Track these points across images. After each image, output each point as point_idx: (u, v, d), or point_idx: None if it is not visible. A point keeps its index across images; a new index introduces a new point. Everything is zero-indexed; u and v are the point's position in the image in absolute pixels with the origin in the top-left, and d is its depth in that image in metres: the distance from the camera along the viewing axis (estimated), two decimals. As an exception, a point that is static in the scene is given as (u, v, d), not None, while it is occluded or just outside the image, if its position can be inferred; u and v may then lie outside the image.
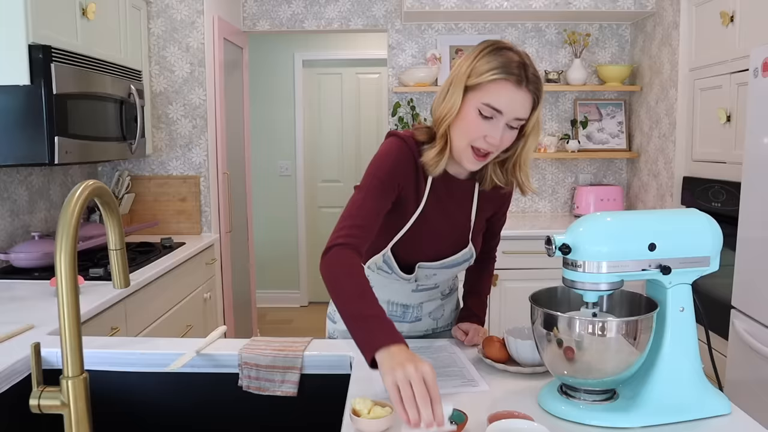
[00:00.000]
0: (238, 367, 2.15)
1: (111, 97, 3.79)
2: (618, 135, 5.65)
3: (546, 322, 1.66)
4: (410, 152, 2.06)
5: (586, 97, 5.74)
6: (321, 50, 7.52)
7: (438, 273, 2.25)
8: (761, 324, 3.12)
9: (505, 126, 1.90)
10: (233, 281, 5.35)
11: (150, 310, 3.61)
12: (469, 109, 1.91)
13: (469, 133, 1.92)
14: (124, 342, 2.29)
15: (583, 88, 5.49)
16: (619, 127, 5.65)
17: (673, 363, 1.67)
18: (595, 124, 5.67)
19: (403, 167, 2.05)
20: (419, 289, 2.30)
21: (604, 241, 1.63)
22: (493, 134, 1.89)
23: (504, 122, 1.89)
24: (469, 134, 1.92)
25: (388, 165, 2.04)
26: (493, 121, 1.89)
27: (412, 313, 2.34)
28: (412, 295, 2.30)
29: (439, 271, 2.24)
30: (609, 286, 1.64)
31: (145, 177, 4.83)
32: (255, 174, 7.33)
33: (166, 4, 4.68)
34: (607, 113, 5.67)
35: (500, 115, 1.88)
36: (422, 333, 2.38)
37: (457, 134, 1.96)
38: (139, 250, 4.08)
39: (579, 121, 5.62)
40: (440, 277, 2.29)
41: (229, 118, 5.31)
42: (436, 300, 2.38)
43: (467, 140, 1.93)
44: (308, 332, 6.40)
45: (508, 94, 1.86)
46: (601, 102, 5.70)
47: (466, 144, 1.94)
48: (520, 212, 5.84)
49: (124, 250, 1.57)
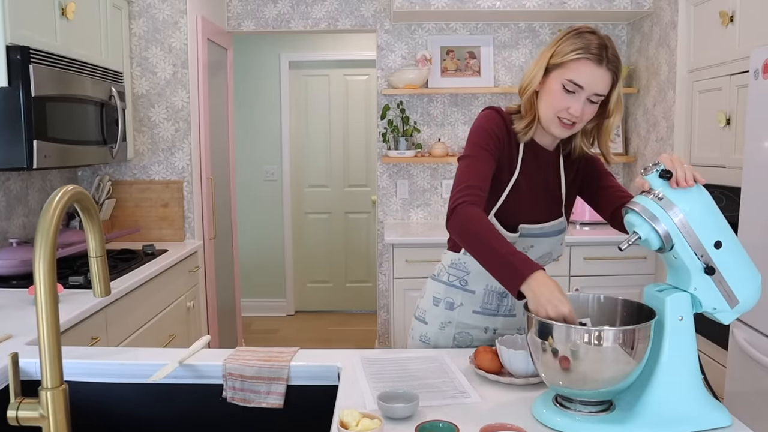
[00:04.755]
0: (222, 378, 2.15)
1: (91, 99, 3.78)
2: (614, 139, 5.61)
3: (541, 331, 1.67)
4: (503, 121, 2.33)
5: (581, 100, 5.70)
6: (308, 51, 7.51)
7: (536, 244, 2.37)
8: (762, 333, 3.12)
9: (586, 100, 2.16)
10: (217, 289, 5.34)
11: (131, 319, 3.59)
12: (555, 84, 2.18)
13: (554, 105, 2.19)
14: (105, 352, 2.29)
15: (577, 90, 5.46)
16: (616, 131, 5.62)
17: (672, 373, 1.67)
18: (590, 127, 5.64)
19: (498, 133, 2.30)
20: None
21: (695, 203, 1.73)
22: (575, 106, 2.15)
23: (585, 97, 2.15)
24: (554, 106, 2.19)
25: (486, 132, 2.29)
26: (575, 95, 2.15)
27: (506, 305, 2.45)
28: None
29: (537, 241, 2.37)
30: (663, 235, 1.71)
31: (126, 182, 4.81)
32: (240, 179, 7.31)
33: (148, 3, 4.67)
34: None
35: (582, 90, 2.14)
36: (515, 330, 2.46)
37: (544, 106, 2.23)
38: (121, 258, 4.06)
39: (573, 124, 5.59)
40: (536, 251, 2.39)
41: (213, 121, 5.30)
42: None
43: (553, 111, 2.20)
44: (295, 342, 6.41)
45: (589, 72, 2.12)
46: (596, 105, 5.67)
47: (553, 114, 2.20)
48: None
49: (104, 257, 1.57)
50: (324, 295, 7.89)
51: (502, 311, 2.45)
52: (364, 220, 7.76)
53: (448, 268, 2.49)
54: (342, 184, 7.70)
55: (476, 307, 2.43)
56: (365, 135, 7.59)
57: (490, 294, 2.42)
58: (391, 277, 4.98)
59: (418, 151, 5.57)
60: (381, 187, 5.83)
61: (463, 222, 2.07)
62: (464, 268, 2.43)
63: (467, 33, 5.67)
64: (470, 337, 2.46)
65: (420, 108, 5.73)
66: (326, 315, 7.77)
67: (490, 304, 2.43)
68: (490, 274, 2.01)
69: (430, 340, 2.50)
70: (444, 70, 5.64)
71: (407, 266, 4.93)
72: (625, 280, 4.88)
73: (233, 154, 5.97)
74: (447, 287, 2.47)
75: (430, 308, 2.52)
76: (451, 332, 2.46)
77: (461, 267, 2.44)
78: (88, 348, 2.49)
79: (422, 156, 5.57)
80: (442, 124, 5.74)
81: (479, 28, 5.66)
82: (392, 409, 1.75)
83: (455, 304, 2.45)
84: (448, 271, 2.48)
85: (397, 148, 5.54)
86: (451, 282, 2.46)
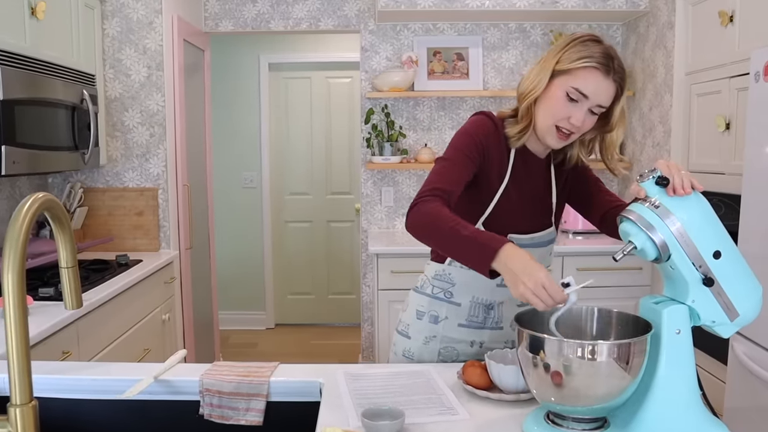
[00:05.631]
0: (199, 394, 2.14)
1: (62, 103, 3.77)
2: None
3: (532, 345, 1.67)
4: (494, 125, 2.32)
5: (573, 104, 5.71)
6: (288, 52, 7.51)
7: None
8: (763, 348, 3.11)
9: (587, 111, 2.17)
10: (194, 301, 5.32)
11: (104, 332, 3.58)
12: (558, 91, 2.18)
13: (555, 113, 2.19)
14: (77, 367, 2.28)
15: (570, 93, 5.48)
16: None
17: (669, 389, 1.67)
18: (583, 132, 5.65)
19: (485, 139, 2.30)
20: (503, 283, 2.35)
21: (693, 211, 1.73)
22: (576, 116, 2.16)
23: (587, 107, 2.16)
24: (555, 114, 2.19)
25: (469, 137, 2.29)
26: (578, 104, 2.16)
27: (493, 317, 2.43)
28: (496, 290, 2.39)
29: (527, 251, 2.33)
30: (660, 245, 1.71)
31: (99, 189, 4.80)
32: (217, 186, 7.28)
33: (122, 3, 4.67)
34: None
35: (585, 100, 2.15)
36: (502, 346, 2.43)
37: (543, 113, 2.23)
38: (93, 268, 4.05)
39: (566, 129, 5.59)
40: None
41: (190, 125, 5.29)
42: (515, 306, 2.44)
43: (552, 120, 2.20)
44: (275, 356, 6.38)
45: (595, 81, 2.14)
46: (589, 109, 5.68)
47: (551, 123, 2.21)
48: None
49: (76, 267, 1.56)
50: (305, 308, 7.87)
51: (489, 324, 2.44)
52: (348, 229, 7.75)
53: (431, 279, 2.48)
54: (324, 192, 7.70)
55: (462, 320, 2.43)
56: (348, 140, 7.59)
57: (476, 306, 2.42)
58: (376, 288, 4.98)
59: (403, 157, 5.58)
60: (365, 195, 5.83)
61: (420, 217, 2.11)
62: (449, 279, 2.43)
63: (455, 33, 5.69)
64: (456, 352, 2.45)
65: (406, 112, 5.74)
66: (308, 328, 7.75)
67: (476, 317, 2.42)
68: (459, 262, 2.10)
69: (413, 356, 2.49)
70: (431, 72, 5.65)
71: (392, 277, 4.93)
72: (620, 291, 4.89)
73: (210, 160, 5.96)
74: (431, 300, 2.47)
75: (413, 322, 2.51)
76: (436, 347, 2.45)
77: (446, 278, 2.43)
78: (58, 363, 2.48)
79: (408, 162, 5.57)
80: (428, 129, 5.75)
81: (468, 28, 5.68)
82: (376, 427, 1.75)
83: (440, 317, 2.44)
84: (432, 283, 2.47)
85: (381, 153, 5.55)
86: (435, 294, 2.46)
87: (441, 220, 2.05)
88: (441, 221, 2.05)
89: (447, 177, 2.21)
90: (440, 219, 2.05)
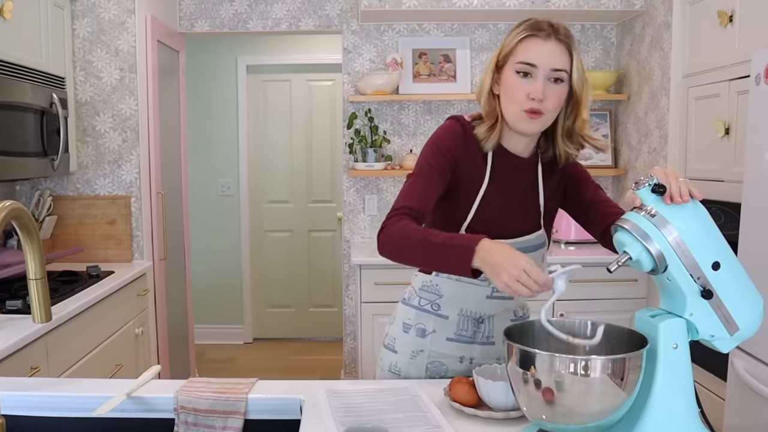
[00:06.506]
0: (173, 412, 2.14)
1: (30, 107, 3.76)
2: (603, 149, 5.65)
3: (522, 360, 1.67)
4: (463, 130, 2.34)
5: (565, 108, 5.71)
6: (267, 54, 7.50)
7: None
8: (764, 363, 3.09)
9: (545, 80, 2.18)
10: (168, 315, 5.30)
11: (74, 347, 3.56)
12: (509, 74, 2.22)
13: (514, 95, 2.20)
14: (45, 383, 2.27)
15: (562, 97, 5.48)
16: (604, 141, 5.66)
17: (666, 406, 1.68)
18: (575, 137, 5.65)
19: (453, 146, 2.31)
20: (494, 295, 2.38)
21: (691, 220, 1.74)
22: (535, 88, 2.16)
23: (542, 76, 2.17)
24: (515, 98, 2.20)
25: (436, 147, 2.31)
26: (531, 77, 2.18)
27: (483, 332, 2.43)
28: (485, 302, 2.39)
29: None
30: (656, 255, 1.71)
31: (68, 197, 4.78)
32: (193, 194, 7.26)
33: (93, 2, 4.66)
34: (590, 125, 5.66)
35: (536, 69, 2.17)
36: (494, 360, 2.43)
37: (506, 102, 2.25)
38: (62, 280, 4.02)
39: (557, 134, 5.59)
40: None
41: (164, 130, 5.28)
42: (508, 320, 2.45)
43: (516, 104, 2.20)
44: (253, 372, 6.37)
45: (537, 47, 2.19)
46: (581, 113, 5.68)
47: (517, 109, 2.21)
48: (491, 236, 5.79)
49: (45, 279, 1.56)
50: (285, 321, 7.85)
51: (479, 339, 2.44)
52: (329, 239, 7.75)
53: (418, 291, 2.48)
54: (305, 200, 7.69)
55: (450, 334, 2.42)
56: (330, 146, 7.59)
57: (465, 320, 2.41)
58: (359, 301, 4.97)
59: (387, 163, 5.58)
60: (347, 203, 5.83)
61: (390, 237, 2.15)
62: (436, 290, 2.42)
63: (441, 34, 5.69)
64: (444, 367, 2.44)
65: (390, 116, 5.74)
66: (287, 343, 7.74)
67: (465, 331, 2.42)
68: (440, 271, 2.19)
69: (400, 371, 2.48)
70: (416, 74, 5.66)
71: (376, 289, 4.92)
72: (615, 304, 4.89)
73: (186, 166, 5.95)
74: (418, 312, 2.46)
75: (400, 335, 2.50)
76: (424, 362, 2.45)
77: (433, 290, 2.43)
78: (27, 379, 2.47)
79: (392, 169, 5.57)
80: (414, 134, 5.75)
81: (455, 28, 5.68)
82: None
83: (427, 330, 2.44)
84: (419, 295, 2.47)
85: (365, 160, 5.54)
86: (422, 306, 2.45)
87: (411, 235, 2.10)
88: (411, 236, 2.10)
89: (414, 195, 2.24)
90: (410, 234, 2.10)
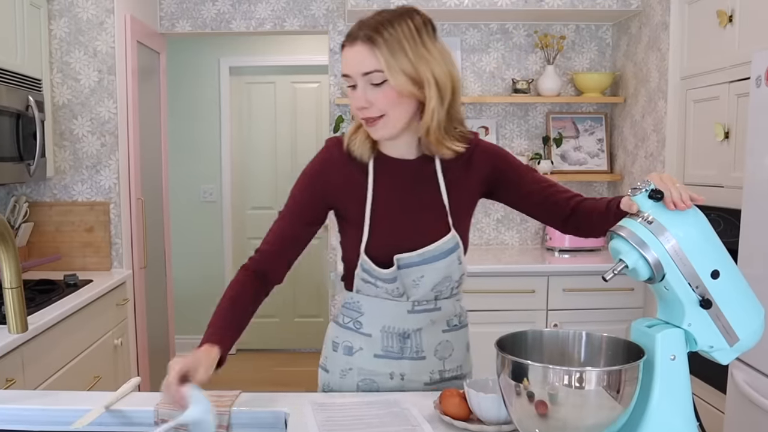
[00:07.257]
0: (154, 426, 2.14)
1: (5, 110, 3.75)
2: (598, 154, 5.69)
3: (515, 372, 1.66)
4: (331, 151, 2.44)
5: (561, 110, 5.75)
6: (251, 55, 7.51)
7: (425, 273, 2.30)
8: (764, 375, 3.08)
9: (365, 86, 2.18)
10: (148, 325, 5.30)
11: (51, 358, 3.56)
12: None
13: (353, 109, 2.24)
14: (21, 396, 2.27)
15: (556, 99, 5.53)
16: (599, 145, 5.69)
17: (663, 420, 1.68)
18: (570, 141, 5.67)
19: (320, 169, 2.42)
20: (416, 309, 2.35)
21: (689, 227, 1.74)
22: (355, 98, 2.20)
23: (359, 83, 2.18)
24: (353, 111, 2.24)
25: (303, 176, 2.44)
26: (355, 89, 2.19)
27: (411, 347, 2.37)
28: (408, 317, 2.35)
29: (424, 268, 2.30)
30: (653, 263, 1.70)
31: (45, 203, 4.77)
32: (174, 200, 7.23)
33: (70, 2, 4.66)
34: (584, 129, 5.70)
35: (352, 79, 2.19)
36: (428, 378, 2.40)
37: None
38: (39, 289, 4.01)
39: (552, 138, 5.62)
40: (429, 280, 2.31)
41: (144, 134, 5.28)
42: (439, 331, 2.41)
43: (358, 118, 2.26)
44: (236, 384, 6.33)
45: (347, 56, 2.21)
46: (578, 116, 5.72)
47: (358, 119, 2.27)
48: (483, 245, 5.83)
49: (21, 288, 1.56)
50: (269, 332, 7.85)
51: (407, 354, 2.38)
52: (315, 247, 7.65)
53: (341, 308, 2.47)
54: (290, 206, 7.65)
55: (378, 351, 2.38)
56: (316, 150, 7.34)
57: (389, 336, 2.37)
58: (347, 310, 4.95)
59: (376, 168, 5.54)
60: (334, 209, 5.79)
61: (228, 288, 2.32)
62: (357, 308, 2.40)
63: (431, 36, 5.67)
64: (376, 385, 2.40)
65: (378, 120, 5.70)
66: (272, 354, 7.75)
67: (391, 348, 2.38)
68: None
69: (333, 391, 2.48)
70: (405, 77, 5.63)
71: (364, 298, 4.89)
72: (611, 314, 4.86)
73: (166, 172, 5.95)
74: (343, 330, 2.44)
75: (330, 354, 2.50)
76: (354, 380, 2.41)
77: (354, 307, 2.40)
78: (2, 391, 2.46)
79: (381, 174, 5.53)
80: (403, 138, 5.71)
81: (445, 29, 5.66)
82: None
83: (354, 348, 2.41)
84: (342, 312, 2.46)
85: (352, 164, 5.51)
86: (345, 324, 2.43)
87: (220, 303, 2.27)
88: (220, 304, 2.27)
89: (271, 238, 2.41)
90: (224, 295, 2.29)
